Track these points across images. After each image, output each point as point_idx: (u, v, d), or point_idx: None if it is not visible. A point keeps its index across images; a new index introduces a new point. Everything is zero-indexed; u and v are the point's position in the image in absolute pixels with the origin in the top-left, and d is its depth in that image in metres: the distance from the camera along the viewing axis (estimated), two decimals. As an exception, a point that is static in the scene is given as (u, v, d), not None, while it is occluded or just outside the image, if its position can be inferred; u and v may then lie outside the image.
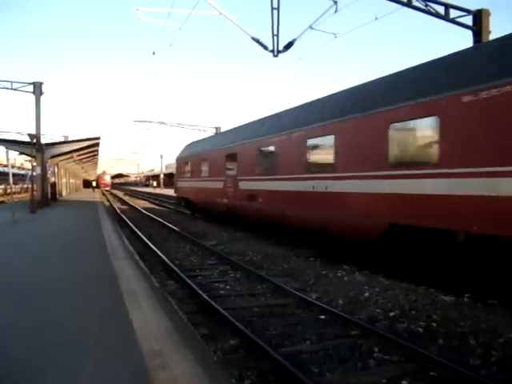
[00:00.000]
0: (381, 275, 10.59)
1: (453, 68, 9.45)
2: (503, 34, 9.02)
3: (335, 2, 14.35)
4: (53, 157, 32.31)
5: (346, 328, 7.18)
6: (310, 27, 15.33)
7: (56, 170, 39.23)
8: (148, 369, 4.39)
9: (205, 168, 24.76)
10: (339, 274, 10.86)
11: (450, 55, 10.04)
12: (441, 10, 14.50)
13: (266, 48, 15.38)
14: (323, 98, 14.69)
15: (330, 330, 7.20)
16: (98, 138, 33.84)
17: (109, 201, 48.60)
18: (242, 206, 18.95)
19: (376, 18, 14.48)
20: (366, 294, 8.97)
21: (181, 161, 31.37)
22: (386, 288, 9.33)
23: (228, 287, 10.17)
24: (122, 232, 17.54)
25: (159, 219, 25.28)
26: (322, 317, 7.78)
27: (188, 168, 28.91)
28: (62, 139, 42.84)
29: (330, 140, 12.80)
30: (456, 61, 9.61)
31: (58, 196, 40.58)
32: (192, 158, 28.02)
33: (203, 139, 29.06)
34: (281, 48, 15.34)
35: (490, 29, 14.32)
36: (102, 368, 4.46)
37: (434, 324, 7.23)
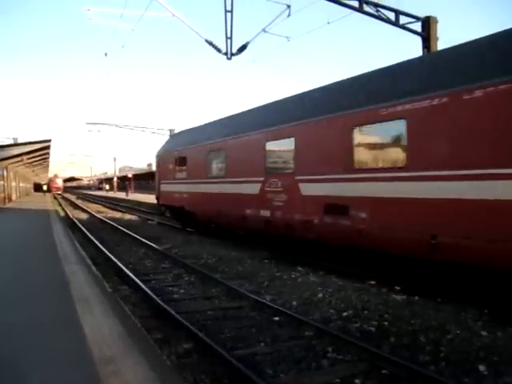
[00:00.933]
0: (334, 276, 10.70)
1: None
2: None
3: (288, 6, 14.55)
4: (1, 160, 31.31)
5: (300, 329, 7.24)
6: (264, 30, 15.47)
7: (5, 173, 38.06)
8: (100, 375, 4.30)
9: (218, 164, 17.53)
10: (293, 276, 10.92)
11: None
12: (391, 16, 14.94)
13: (219, 51, 15.38)
14: None
15: (284, 331, 7.23)
16: (48, 141, 33.01)
17: (61, 205, 47.35)
18: (308, 223, 11.90)
19: (328, 23, 14.82)
20: (320, 295, 9.06)
21: (167, 156, 23.27)
22: (339, 288, 9.44)
23: (182, 291, 10.07)
24: (74, 236, 17.14)
25: (112, 223, 24.82)
26: (277, 318, 7.81)
27: (182, 165, 21.09)
28: (12, 142, 41.56)
29: None
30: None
31: (7, 200, 39.33)
32: (190, 151, 20.23)
33: (211, 122, 20.74)
34: (234, 51, 15.39)
35: (438, 35, 14.89)
36: (51, 376, 4.33)
37: (386, 323, 7.38)
